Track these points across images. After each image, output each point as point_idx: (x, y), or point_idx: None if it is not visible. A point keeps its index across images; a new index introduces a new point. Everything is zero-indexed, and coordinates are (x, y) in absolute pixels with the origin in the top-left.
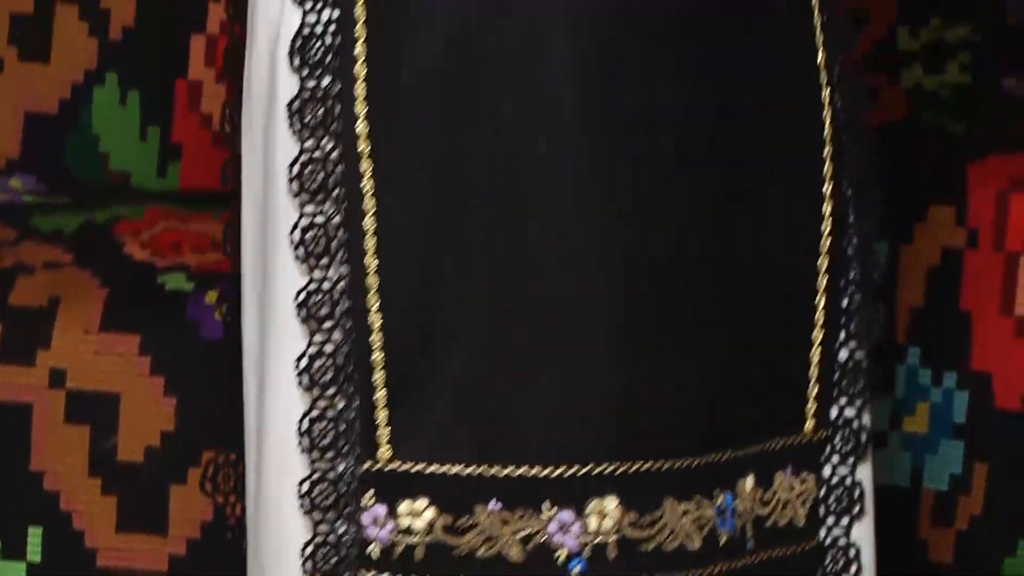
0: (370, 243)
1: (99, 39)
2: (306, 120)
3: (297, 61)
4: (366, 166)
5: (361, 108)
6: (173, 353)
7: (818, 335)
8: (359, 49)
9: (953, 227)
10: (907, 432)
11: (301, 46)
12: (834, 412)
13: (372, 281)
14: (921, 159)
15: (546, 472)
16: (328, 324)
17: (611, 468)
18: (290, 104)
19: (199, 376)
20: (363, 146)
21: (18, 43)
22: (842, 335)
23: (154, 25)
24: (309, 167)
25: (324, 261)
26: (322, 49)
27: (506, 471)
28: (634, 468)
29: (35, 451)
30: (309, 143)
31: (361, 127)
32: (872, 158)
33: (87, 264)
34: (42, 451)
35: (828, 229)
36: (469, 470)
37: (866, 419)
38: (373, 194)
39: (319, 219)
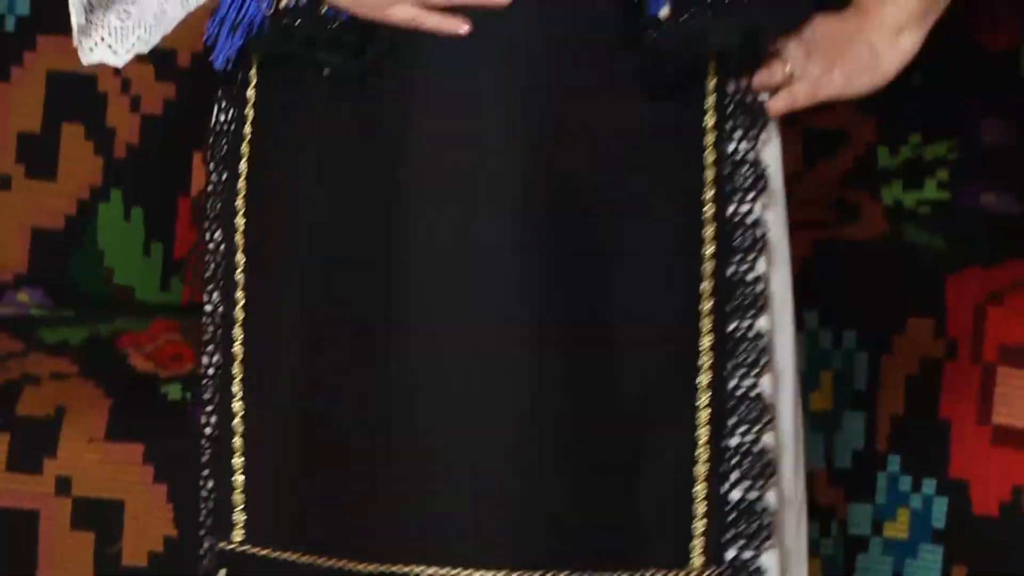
0: (238, 333)
1: (104, 157)
2: (207, 213)
3: (208, 155)
4: (240, 259)
5: (241, 204)
6: (175, 461)
7: (701, 470)
8: (244, 148)
9: (932, 338)
10: (888, 537)
11: (212, 142)
12: (731, 553)
13: (237, 370)
14: (901, 273)
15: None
16: (209, 408)
17: (465, 574)
18: (197, 196)
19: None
20: (239, 239)
21: (26, 161)
22: (734, 475)
23: (157, 144)
24: (206, 256)
25: (211, 348)
26: (224, 146)
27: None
28: None
29: (42, 557)
30: (206, 235)
31: (239, 220)
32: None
33: (92, 375)
34: (48, 557)
35: (709, 362)
36: (320, 560)
37: (768, 561)
38: (243, 287)
39: (208, 307)
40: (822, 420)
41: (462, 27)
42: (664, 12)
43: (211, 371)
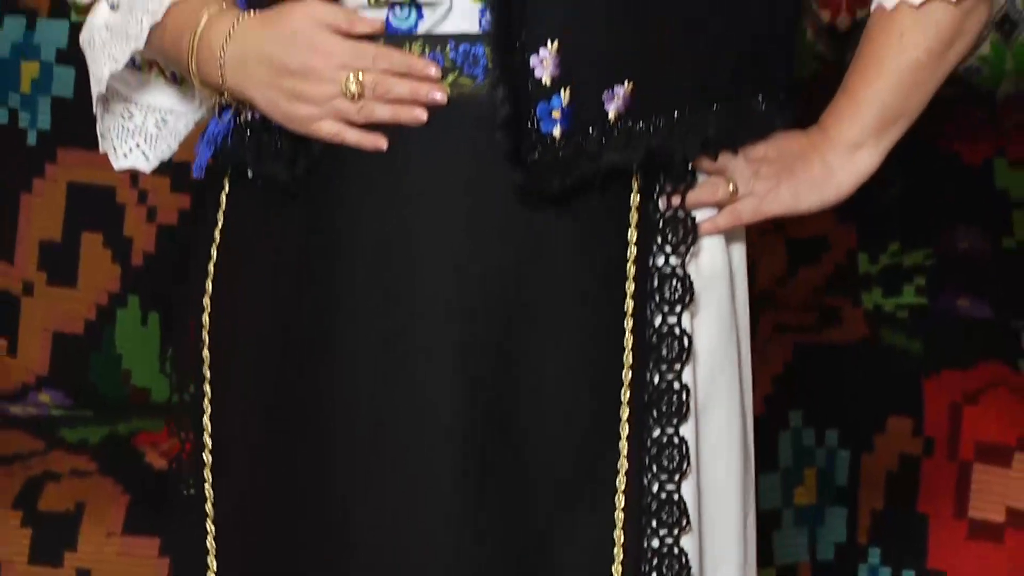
0: (207, 423)
1: (122, 265)
2: (181, 315)
3: (192, 263)
4: (206, 355)
5: (207, 304)
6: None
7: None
8: (213, 252)
9: (911, 437)
10: None
11: (195, 250)
12: None
13: (207, 457)
14: (881, 374)
15: None
16: (190, 489)
17: None
18: (179, 301)
19: None
20: (205, 336)
21: (47, 268)
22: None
23: (172, 252)
24: (180, 351)
25: (184, 435)
26: (200, 247)
27: None
28: None
29: None
30: (184, 336)
31: (205, 318)
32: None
33: (110, 472)
34: None
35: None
36: None
37: None
38: (209, 382)
39: (186, 396)
40: (806, 515)
41: (381, 143)
42: (556, 132)
43: (184, 456)
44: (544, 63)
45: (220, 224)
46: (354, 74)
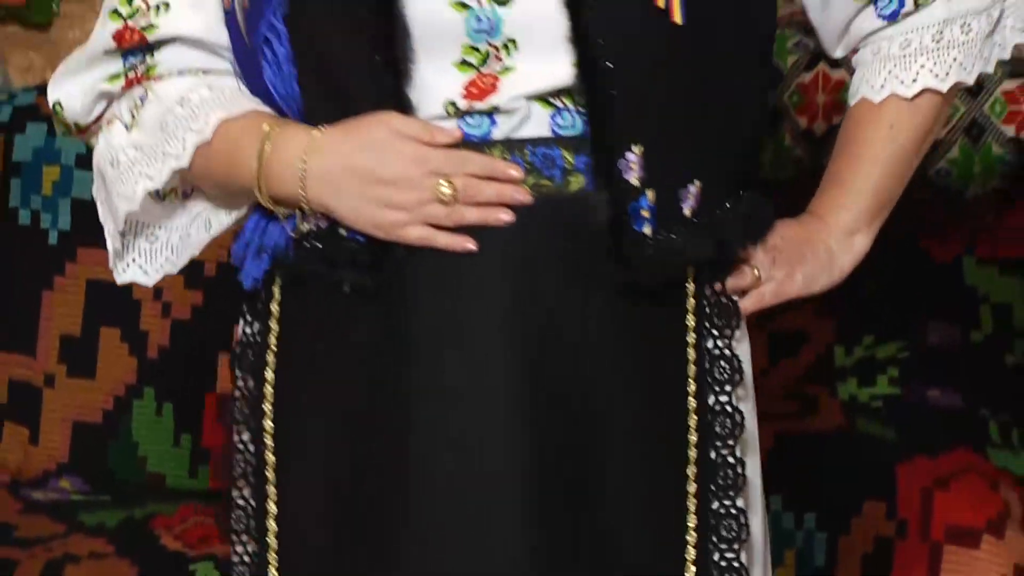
0: (272, 524)
1: (138, 358)
2: (235, 415)
3: (235, 364)
4: (270, 458)
5: (268, 408)
6: None
7: None
8: (271, 358)
9: (885, 519)
10: None
11: (239, 353)
12: None
13: (272, 558)
14: (856, 461)
15: None
16: None
17: None
18: (231, 402)
19: None
20: (269, 442)
21: (67, 361)
22: None
23: (186, 345)
24: (235, 456)
25: (244, 537)
26: (251, 355)
27: None
28: None
29: None
30: (235, 437)
31: (267, 423)
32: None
33: (127, 554)
34: None
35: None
36: None
37: None
38: (274, 483)
39: (240, 501)
40: None
41: (469, 244)
42: (648, 230)
43: (246, 559)
44: (632, 166)
45: (275, 332)
46: (445, 180)
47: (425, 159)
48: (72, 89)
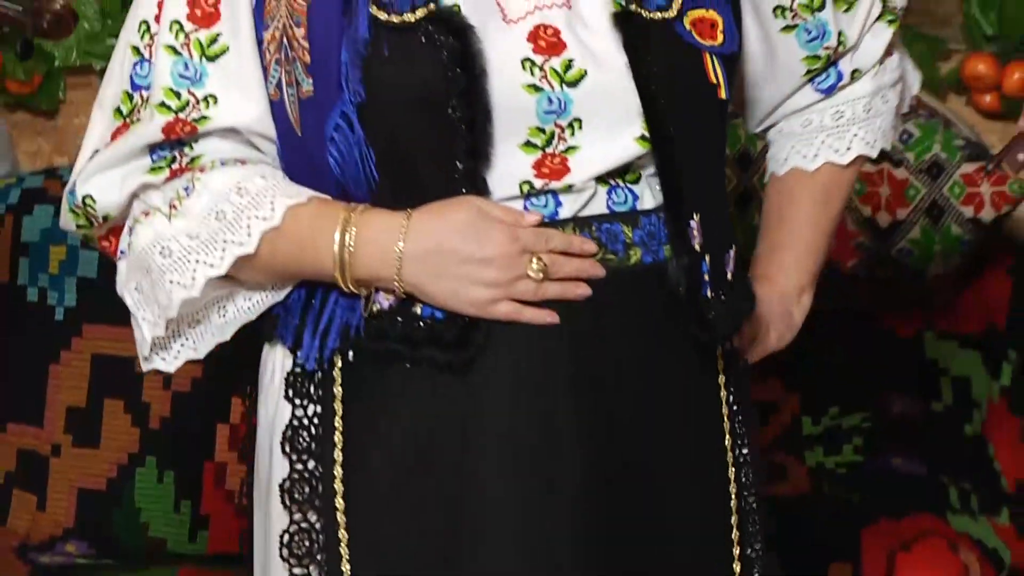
0: None
1: (140, 428)
2: (295, 496)
3: (288, 447)
4: (344, 535)
5: (339, 487)
6: None
7: None
8: (337, 438)
9: None
10: None
11: (291, 436)
12: None
13: None
14: (823, 525)
15: None
16: None
17: None
18: (282, 484)
19: None
20: (341, 518)
21: (73, 431)
22: None
23: (186, 416)
24: (297, 536)
25: None
26: (308, 438)
27: None
28: None
29: None
30: (297, 516)
31: (339, 502)
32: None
33: None
34: None
35: None
36: None
37: None
38: (348, 559)
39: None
40: None
41: (554, 318)
42: (709, 292)
43: None
44: (695, 233)
45: (340, 413)
46: (536, 258)
47: (517, 238)
48: (105, 183)
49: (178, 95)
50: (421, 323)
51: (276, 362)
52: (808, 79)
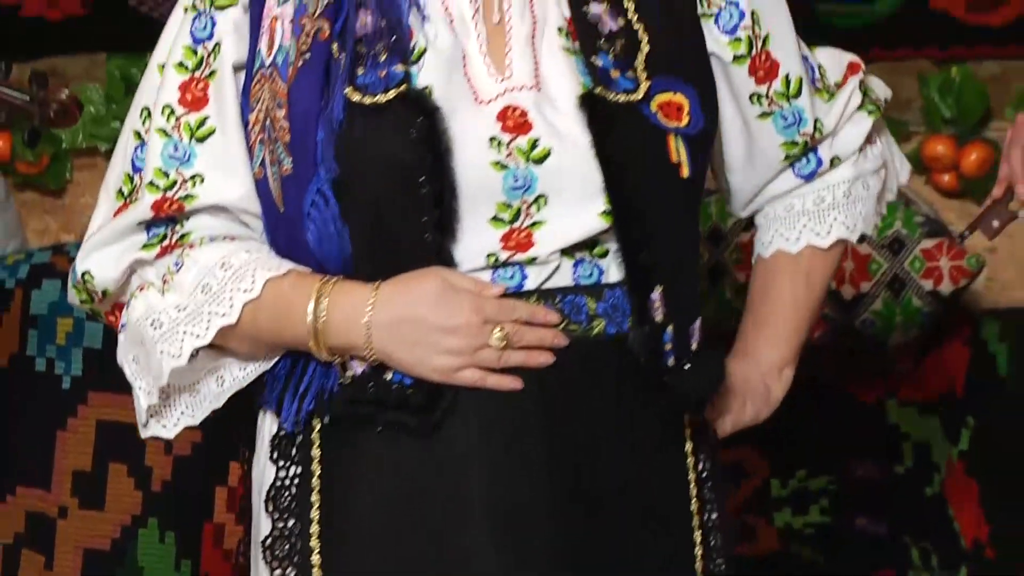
0: None
1: (143, 491)
2: (276, 553)
3: (271, 507)
4: None
5: (316, 544)
6: None
7: None
8: (315, 497)
9: None
10: None
11: (274, 495)
12: None
13: None
14: None
15: None
16: None
17: None
18: (263, 541)
19: None
20: (317, 574)
21: (79, 494)
22: None
23: (187, 479)
24: None
25: None
26: (288, 497)
27: None
28: None
29: None
30: (277, 572)
31: (316, 558)
32: None
33: None
34: None
35: None
36: None
37: None
38: None
39: None
40: None
41: (516, 384)
42: (671, 362)
43: None
44: (656, 304)
45: (318, 473)
46: (499, 327)
47: (480, 309)
48: (103, 259)
49: (167, 174)
50: (392, 388)
51: (266, 427)
52: (788, 164)
